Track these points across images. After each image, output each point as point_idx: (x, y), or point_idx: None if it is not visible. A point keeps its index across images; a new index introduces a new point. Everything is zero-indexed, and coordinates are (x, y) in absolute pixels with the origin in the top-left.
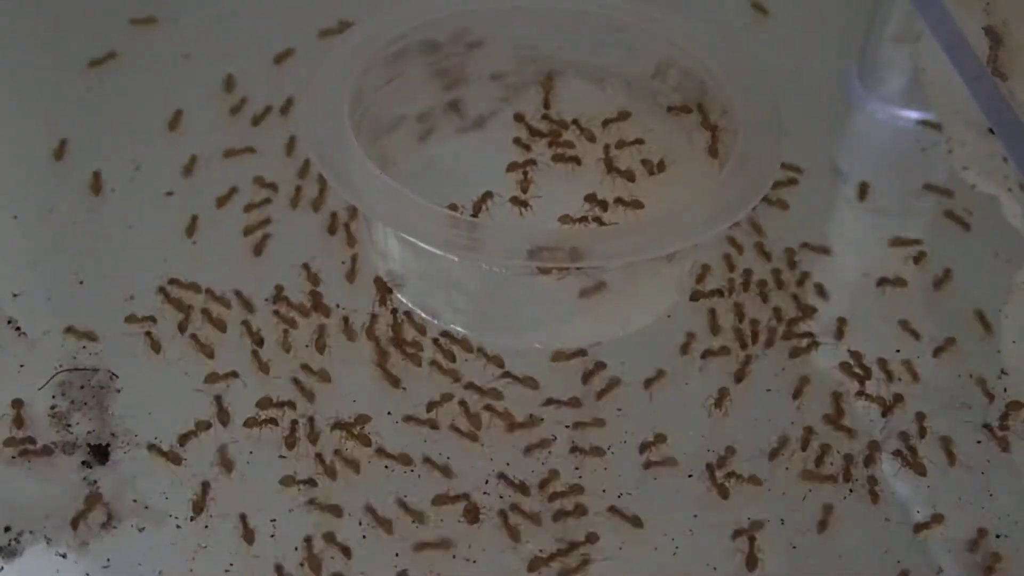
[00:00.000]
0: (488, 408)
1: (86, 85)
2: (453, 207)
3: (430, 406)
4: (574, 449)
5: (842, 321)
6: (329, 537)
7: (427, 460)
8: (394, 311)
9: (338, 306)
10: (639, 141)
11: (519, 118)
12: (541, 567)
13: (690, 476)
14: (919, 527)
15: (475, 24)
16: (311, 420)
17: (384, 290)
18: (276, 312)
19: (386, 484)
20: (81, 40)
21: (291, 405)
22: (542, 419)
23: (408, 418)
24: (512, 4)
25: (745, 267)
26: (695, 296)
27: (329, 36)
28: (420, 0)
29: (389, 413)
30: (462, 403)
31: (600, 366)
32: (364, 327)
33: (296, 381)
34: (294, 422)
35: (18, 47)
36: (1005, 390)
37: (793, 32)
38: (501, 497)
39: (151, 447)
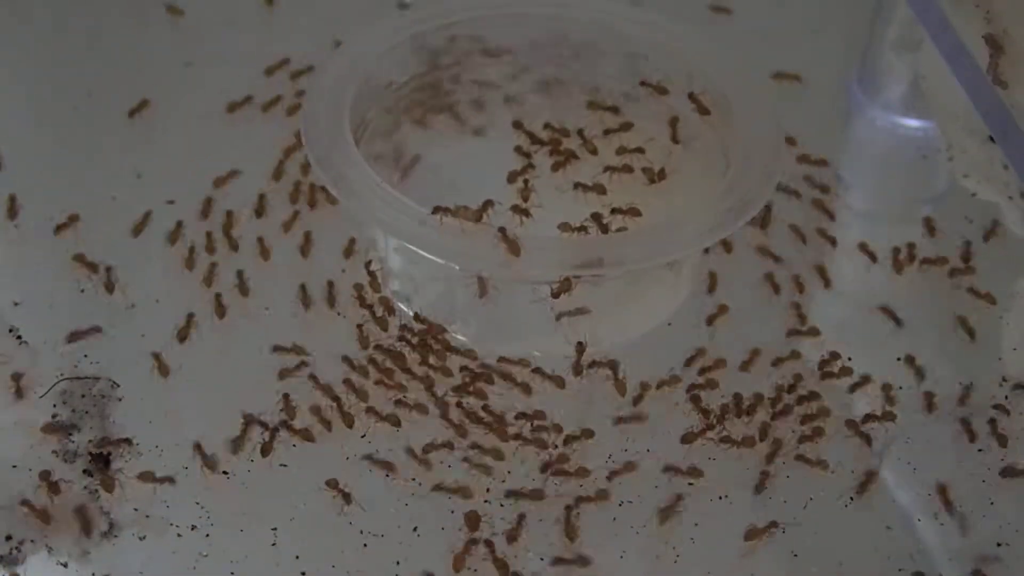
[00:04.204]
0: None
1: (88, 89)
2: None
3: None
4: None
5: (841, 328)
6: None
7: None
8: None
9: (339, 313)
10: (640, 150)
11: (517, 125)
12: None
13: (691, 484)
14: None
15: (476, 32)
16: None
17: (387, 302)
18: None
19: (386, 494)
20: (84, 40)
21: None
22: (544, 426)
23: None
24: (512, 12)
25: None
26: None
27: None
28: (420, 8)
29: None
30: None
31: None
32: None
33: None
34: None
35: (19, 49)
36: (1006, 397)
37: (794, 40)
38: (502, 505)
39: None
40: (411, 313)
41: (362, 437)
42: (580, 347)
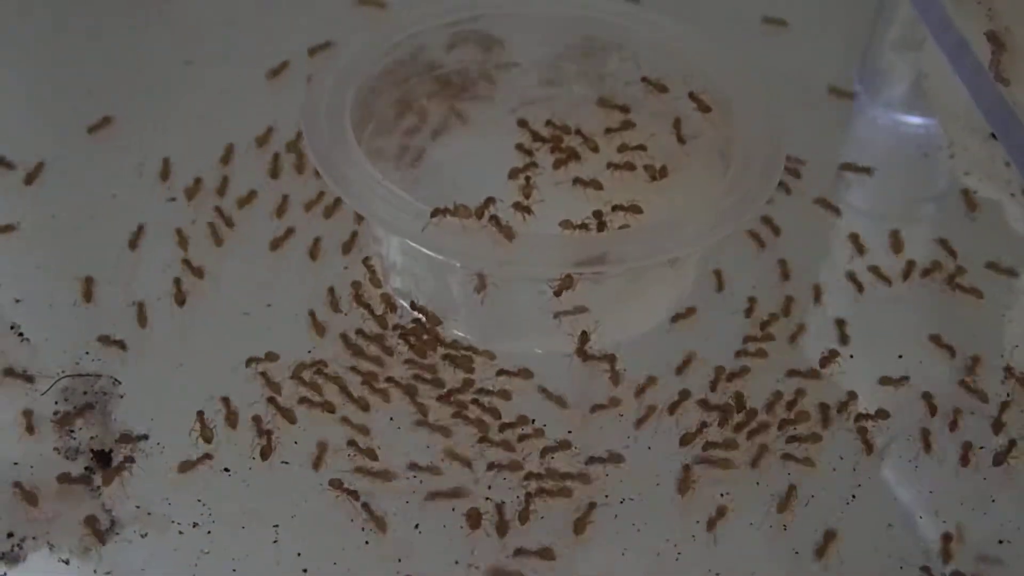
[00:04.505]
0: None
1: (88, 89)
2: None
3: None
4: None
5: (842, 324)
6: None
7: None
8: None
9: (343, 312)
10: (642, 147)
11: (522, 124)
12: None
13: (693, 482)
14: None
15: (478, 31)
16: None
17: (388, 298)
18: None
19: (387, 492)
20: (84, 40)
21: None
22: (544, 426)
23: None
24: (514, 11)
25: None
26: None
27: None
28: (421, 7)
29: (391, 419)
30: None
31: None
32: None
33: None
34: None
35: (21, 48)
36: (1008, 395)
37: (795, 38)
38: (503, 502)
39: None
40: (407, 305)
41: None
42: (584, 336)
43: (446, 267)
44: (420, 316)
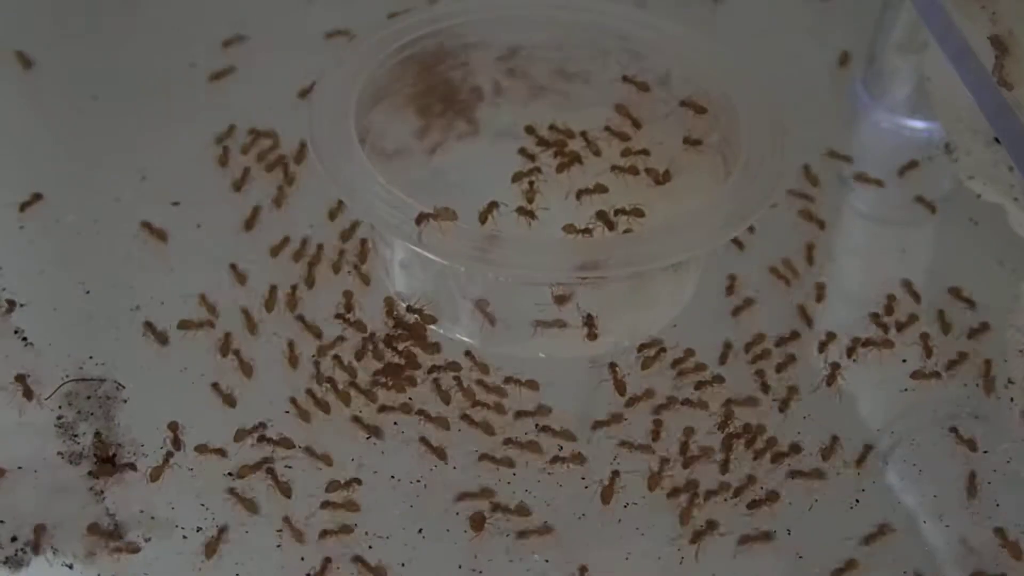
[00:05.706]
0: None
1: (91, 92)
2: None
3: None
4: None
5: (847, 328)
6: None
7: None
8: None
9: (343, 317)
10: (645, 152)
11: (530, 130)
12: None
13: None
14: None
15: (482, 34)
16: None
17: (391, 303)
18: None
19: (391, 496)
20: (86, 41)
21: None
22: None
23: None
24: (519, 14)
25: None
26: None
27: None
28: (424, 10)
29: (395, 423)
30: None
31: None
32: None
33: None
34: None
35: (21, 48)
36: (1012, 399)
37: (798, 41)
38: (507, 508)
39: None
40: (405, 305)
41: (367, 439)
42: (589, 318)
43: (450, 271)
44: (415, 317)
